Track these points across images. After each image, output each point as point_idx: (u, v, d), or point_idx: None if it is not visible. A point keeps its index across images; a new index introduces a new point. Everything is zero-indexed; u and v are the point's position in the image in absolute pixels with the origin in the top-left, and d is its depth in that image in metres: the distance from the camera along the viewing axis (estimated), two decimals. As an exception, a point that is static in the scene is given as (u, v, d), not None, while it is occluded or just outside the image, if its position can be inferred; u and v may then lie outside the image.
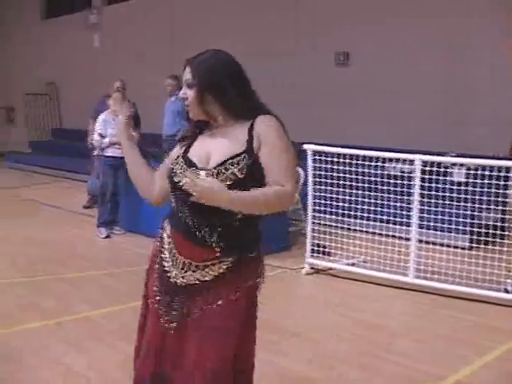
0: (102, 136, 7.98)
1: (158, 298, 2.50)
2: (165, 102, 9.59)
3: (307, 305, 5.71)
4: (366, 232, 6.62)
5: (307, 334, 4.77)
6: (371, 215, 6.37)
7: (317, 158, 6.30)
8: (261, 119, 2.42)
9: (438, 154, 6.53)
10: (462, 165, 6.98)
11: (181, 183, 2.35)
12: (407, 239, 6.18)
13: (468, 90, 9.28)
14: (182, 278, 2.42)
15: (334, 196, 6.35)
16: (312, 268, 6.45)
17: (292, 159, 2.42)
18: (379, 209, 6.31)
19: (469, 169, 6.77)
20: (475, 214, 6.06)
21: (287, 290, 6.14)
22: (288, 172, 2.37)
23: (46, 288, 5.83)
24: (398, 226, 6.52)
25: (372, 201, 6.33)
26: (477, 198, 5.83)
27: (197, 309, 2.41)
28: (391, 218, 6.62)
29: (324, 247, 6.56)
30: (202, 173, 2.31)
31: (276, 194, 2.31)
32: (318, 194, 6.38)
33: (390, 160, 6.52)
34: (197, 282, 2.41)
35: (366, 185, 6.26)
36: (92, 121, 9.03)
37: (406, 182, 6.03)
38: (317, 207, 6.43)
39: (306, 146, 6.29)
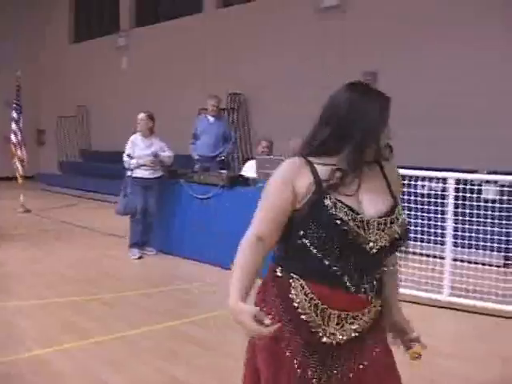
0: (130, 157, 8.09)
1: (311, 369, 2.12)
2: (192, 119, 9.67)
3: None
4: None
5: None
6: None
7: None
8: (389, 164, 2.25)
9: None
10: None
11: (351, 236, 2.03)
12: (441, 258, 6.18)
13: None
14: (341, 334, 2.11)
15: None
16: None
17: None
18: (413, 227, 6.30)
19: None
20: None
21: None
22: None
23: (83, 308, 5.89)
24: (432, 245, 6.47)
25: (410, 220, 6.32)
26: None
27: (359, 363, 2.17)
28: (425, 237, 6.57)
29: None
30: None
31: None
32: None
33: (423, 179, 6.51)
34: (356, 334, 2.13)
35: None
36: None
37: (439, 201, 6.05)
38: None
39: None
